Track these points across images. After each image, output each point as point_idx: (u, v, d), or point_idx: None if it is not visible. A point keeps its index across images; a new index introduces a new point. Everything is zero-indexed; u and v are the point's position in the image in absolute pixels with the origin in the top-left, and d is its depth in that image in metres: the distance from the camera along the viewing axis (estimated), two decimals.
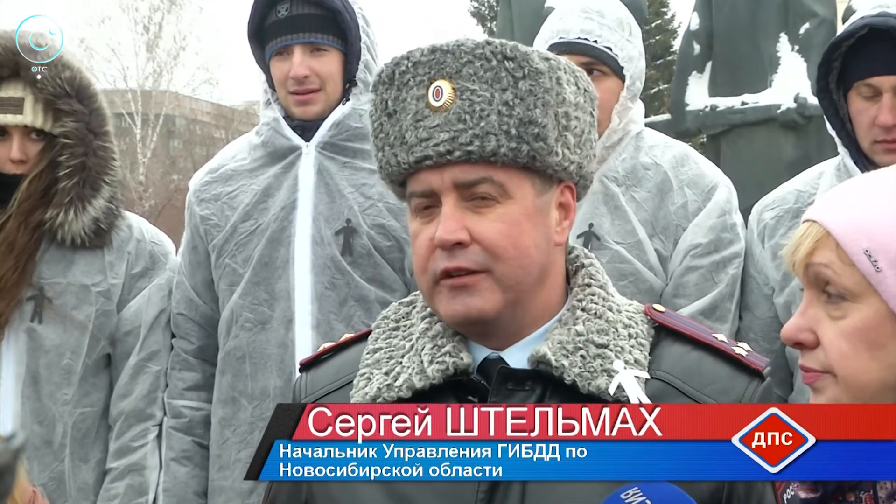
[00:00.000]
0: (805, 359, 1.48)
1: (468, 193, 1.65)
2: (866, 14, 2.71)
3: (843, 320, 1.44)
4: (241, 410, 3.08)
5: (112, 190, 3.05)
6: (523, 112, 1.64)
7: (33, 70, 2.94)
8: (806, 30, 9.58)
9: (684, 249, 2.98)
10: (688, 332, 1.72)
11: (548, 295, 1.71)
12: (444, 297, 1.67)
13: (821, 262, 1.45)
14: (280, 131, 3.09)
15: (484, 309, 1.65)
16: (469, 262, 1.64)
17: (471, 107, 1.64)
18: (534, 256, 1.67)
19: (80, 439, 3.06)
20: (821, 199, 1.51)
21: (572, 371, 1.64)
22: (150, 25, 30.86)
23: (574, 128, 1.69)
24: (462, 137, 1.64)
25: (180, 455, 3.14)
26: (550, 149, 1.65)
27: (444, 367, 1.66)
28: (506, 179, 1.65)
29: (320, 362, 1.86)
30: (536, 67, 1.65)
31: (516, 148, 1.64)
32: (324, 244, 3.03)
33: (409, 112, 1.68)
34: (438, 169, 1.66)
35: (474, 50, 1.66)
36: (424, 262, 1.68)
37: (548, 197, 1.69)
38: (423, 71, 1.68)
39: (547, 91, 1.65)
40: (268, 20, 3.04)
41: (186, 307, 3.15)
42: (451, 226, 1.64)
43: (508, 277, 1.65)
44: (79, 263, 3.04)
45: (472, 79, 1.65)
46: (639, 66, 3.05)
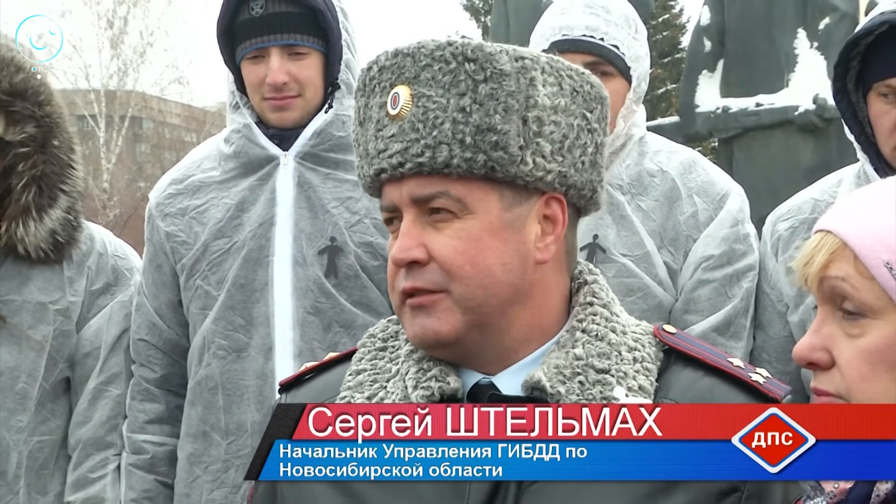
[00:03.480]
0: (818, 380, 1.46)
1: (426, 208, 1.65)
2: (886, 10, 2.69)
3: (861, 338, 1.42)
4: (212, 446, 3.04)
5: (70, 200, 3.04)
6: (480, 118, 1.62)
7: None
8: (826, 25, 9.63)
9: (695, 262, 2.99)
10: (700, 356, 1.71)
11: (534, 316, 1.70)
12: (407, 317, 1.68)
13: (837, 276, 1.43)
14: (253, 139, 3.03)
15: (441, 331, 1.65)
16: (426, 281, 1.65)
17: (425, 114, 1.63)
18: (498, 276, 1.65)
19: (37, 470, 3.05)
20: (835, 208, 1.50)
21: (569, 399, 1.62)
22: (114, 20, 30.86)
23: (550, 133, 1.66)
24: (413, 148, 1.63)
25: (142, 496, 3.10)
26: (513, 158, 1.63)
27: (430, 393, 1.66)
28: (465, 193, 1.64)
29: (301, 383, 1.86)
30: (500, 69, 1.62)
31: (471, 158, 1.62)
32: (306, 265, 2.98)
33: (372, 121, 1.69)
34: (397, 182, 1.66)
35: (434, 52, 1.65)
36: (392, 280, 1.69)
37: (521, 210, 1.67)
38: (385, 76, 1.68)
39: (511, 94, 1.62)
40: (239, 17, 2.98)
41: (149, 332, 3.11)
42: (406, 243, 1.65)
43: (467, 298, 1.64)
44: (35, 279, 3.04)
45: (430, 83, 1.64)
46: (644, 66, 3.07)
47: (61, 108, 3.04)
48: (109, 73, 30.77)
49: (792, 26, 9.71)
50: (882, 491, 1.39)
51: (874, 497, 1.39)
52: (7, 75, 2.95)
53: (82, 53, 31.47)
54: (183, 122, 35.92)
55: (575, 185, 1.71)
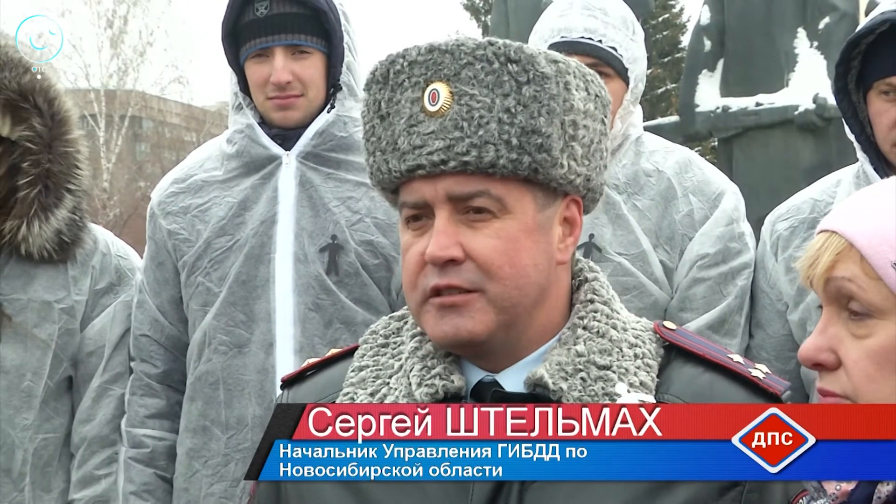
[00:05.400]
0: (824, 381, 1.45)
1: (463, 207, 1.64)
2: (887, 9, 2.70)
3: (868, 339, 1.41)
4: (213, 441, 3.06)
5: (76, 200, 3.05)
6: (526, 120, 1.62)
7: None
8: (826, 24, 9.64)
9: (691, 260, 3.02)
10: (700, 352, 1.72)
11: (548, 315, 1.71)
12: (432, 316, 1.67)
13: (843, 277, 1.42)
14: (256, 139, 3.06)
15: (475, 331, 1.65)
16: (462, 280, 1.64)
17: (469, 113, 1.63)
18: (532, 276, 1.66)
19: (41, 467, 3.07)
20: (840, 208, 1.48)
21: (571, 395, 1.63)
22: (114, 19, 30.88)
23: (582, 137, 1.67)
24: (458, 146, 1.62)
25: (141, 489, 3.11)
26: (555, 160, 1.64)
27: (434, 391, 1.66)
28: (504, 193, 1.64)
29: (303, 379, 1.87)
30: (542, 72, 1.63)
31: (517, 159, 1.62)
32: (307, 262, 3.01)
33: (402, 116, 1.67)
34: (432, 179, 1.65)
35: (475, 51, 1.64)
36: (414, 277, 1.67)
37: (550, 212, 1.68)
38: (419, 71, 1.66)
39: (553, 98, 1.63)
40: (244, 18, 3.00)
41: (151, 328, 3.13)
42: (444, 241, 1.64)
43: (503, 298, 1.64)
44: (40, 278, 3.05)
45: (472, 82, 1.64)
46: (641, 67, 3.09)
47: (69, 108, 3.05)
48: (109, 72, 30.80)
49: (792, 26, 9.72)
50: (883, 492, 1.39)
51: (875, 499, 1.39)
52: (15, 75, 2.97)
53: (82, 53, 31.53)
54: (183, 122, 35.90)
55: (594, 188, 1.74)
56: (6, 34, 3.04)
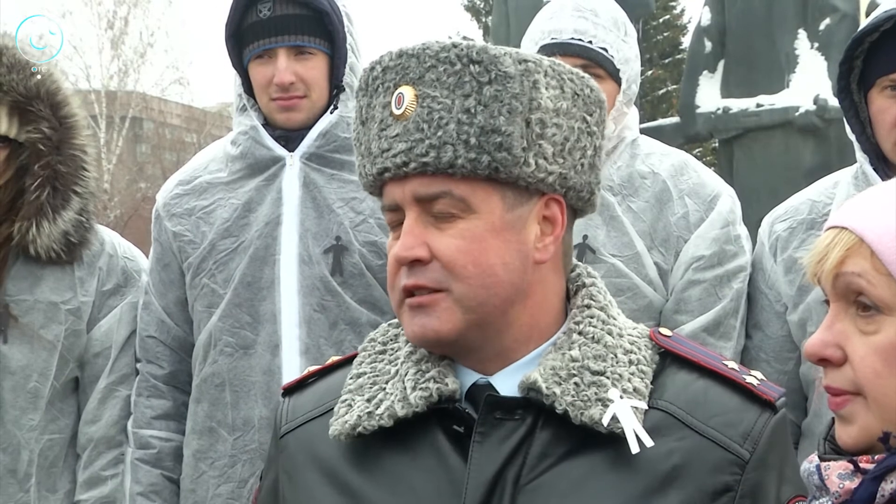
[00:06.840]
0: (830, 378, 1.44)
1: (429, 207, 1.66)
2: (891, 7, 2.68)
3: (876, 335, 1.40)
4: (219, 442, 3.07)
5: (83, 201, 3.07)
6: (485, 120, 1.63)
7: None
8: (826, 25, 9.64)
9: (686, 262, 3.02)
10: (695, 358, 1.72)
11: (533, 316, 1.71)
12: (407, 316, 1.69)
13: (853, 272, 1.41)
14: (260, 141, 3.08)
15: (440, 330, 1.66)
16: (428, 279, 1.66)
17: (430, 115, 1.64)
18: (501, 276, 1.66)
19: (47, 468, 3.08)
20: (849, 205, 1.48)
21: (564, 400, 1.63)
22: (114, 20, 30.88)
23: (552, 136, 1.67)
24: (418, 148, 1.64)
25: (148, 489, 3.13)
26: (517, 159, 1.64)
27: (428, 394, 1.67)
28: (468, 193, 1.65)
29: (304, 386, 1.88)
30: (505, 71, 1.63)
31: (475, 159, 1.63)
32: (312, 263, 3.02)
33: (375, 120, 1.69)
34: (400, 181, 1.67)
35: (439, 53, 1.66)
36: (392, 279, 1.70)
37: (523, 211, 1.68)
38: (390, 76, 1.69)
39: (515, 97, 1.63)
40: (248, 20, 3.02)
41: (157, 329, 3.15)
42: (410, 242, 1.66)
43: (469, 298, 1.65)
44: (47, 279, 3.06)
45: (434, 84, 1.65)
46: (634, 68, 3.09)
47: (77, 110, 3.06)
48: (110, 73, 30.79)
49: (792, 27, 9.71)
50: (887, 491, 1.39)
51: (879, 497, 1.39)
52: (23, 78, 2.99)
53: (83, 54, 31.44)
54: (183, 123, 35.88)
55: (574, 186, 1.72)
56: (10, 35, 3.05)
